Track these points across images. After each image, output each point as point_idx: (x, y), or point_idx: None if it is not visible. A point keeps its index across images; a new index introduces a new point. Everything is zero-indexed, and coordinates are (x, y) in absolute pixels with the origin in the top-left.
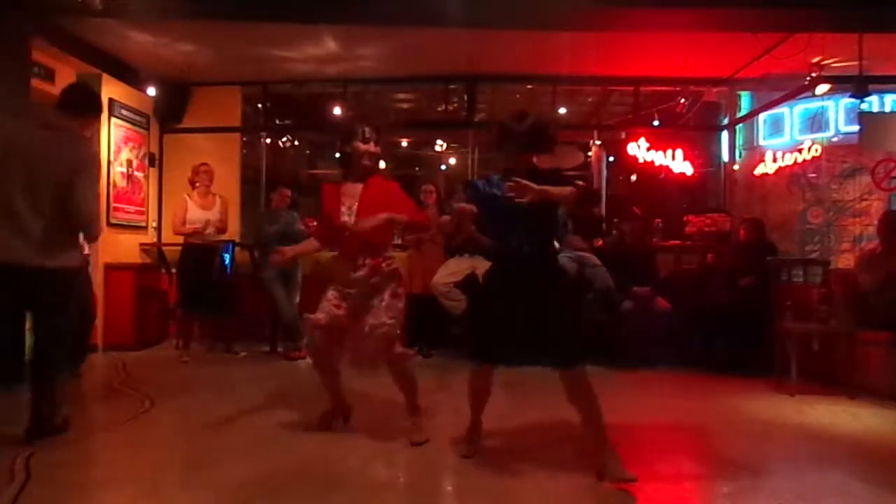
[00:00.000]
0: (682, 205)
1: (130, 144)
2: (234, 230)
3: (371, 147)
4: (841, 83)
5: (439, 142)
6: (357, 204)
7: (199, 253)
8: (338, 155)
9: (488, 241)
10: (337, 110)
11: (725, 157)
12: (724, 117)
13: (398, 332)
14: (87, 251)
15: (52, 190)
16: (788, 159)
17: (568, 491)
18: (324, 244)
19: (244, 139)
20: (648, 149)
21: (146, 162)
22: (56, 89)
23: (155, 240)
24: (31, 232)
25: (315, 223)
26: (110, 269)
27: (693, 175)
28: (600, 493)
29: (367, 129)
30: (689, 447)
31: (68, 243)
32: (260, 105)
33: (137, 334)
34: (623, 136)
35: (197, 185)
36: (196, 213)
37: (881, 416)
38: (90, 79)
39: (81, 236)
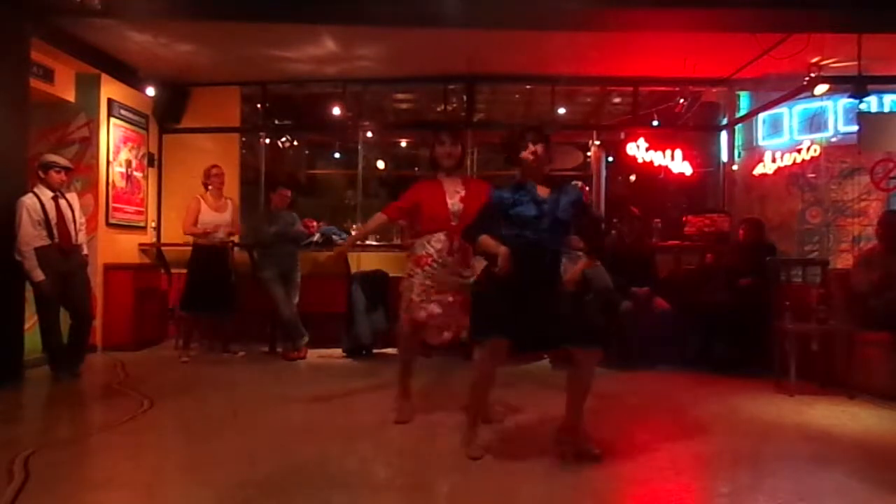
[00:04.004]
0: (682, 205)
1: (129, 144)
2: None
3: (448, 149)
4: (840, 83)
5: None
6: (459, 198)
7: (211, 254)
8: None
9: (496, 244)
10: (336, 110)
11: (724, 157)
12: (723, 117)
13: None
14: (85, 251)
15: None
16: (787, 159)
17: (565, 490)
18: (425, 227)
19: (243, 139)
20: (647, 149)
21: (145, 162)
22: (55, 89)
23: (154, 240)
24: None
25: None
26: (109, 269)
27: (692, 175)
28: (599, 493)
29: (444, 134)
30: (689, 447)
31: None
32: (259, 105)
33: (136, 335)
34: (622, 136)
35: (210, 187)
36: (209, 216)
37: (880, 416)
38: (89, 79)
39: (85, 240)
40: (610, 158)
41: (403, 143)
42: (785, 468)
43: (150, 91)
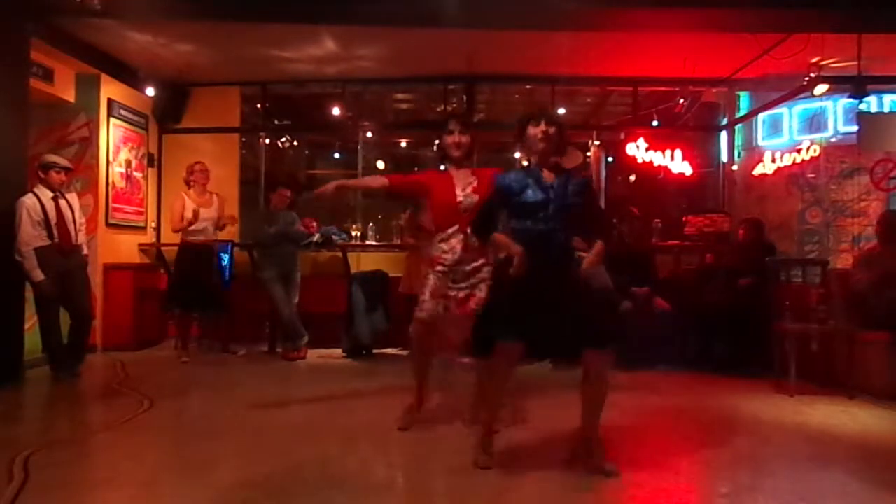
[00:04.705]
0: (681, 205)
1: (129, 144)
2: (233, 230)
3: (456, 138)
4: (839, 83)
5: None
6: (472, 189)
7: (196, 252)
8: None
9: (511, 244)
10: (336, 111)
11: (724, 157)
12: (723, 118)
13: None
14: (85, 251)
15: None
16: (787, 159)
17: (565, 491)
18: (437, 219)
19: (243, 139)
20: (647, 149)
21: (145, 162)
22: (55, 89)
23: (154, 240)
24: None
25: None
26: (109, 269)
27: (692, 175)
28: (597, 493)
29: (453, 122)
30: (688, 447)
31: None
32: (259, 105)
33: (136, 335)
34: (622, 136)
35: (193, 183)
36: (193, 212)
37: (880, 416)
38: (89, 79)
39: (84, 240)
40: (610, 158)
41: (403, 143)
42: (785, 468)
43: (150, 91)
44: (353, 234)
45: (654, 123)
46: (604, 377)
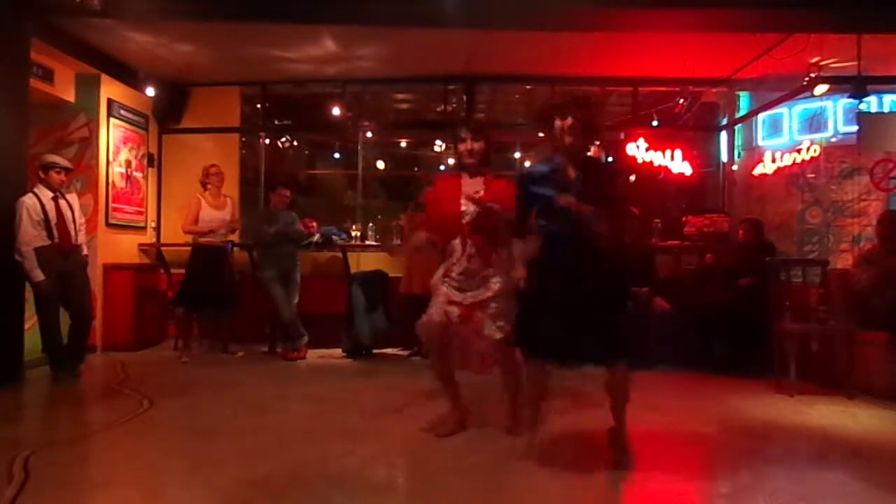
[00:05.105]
0: (681, 205)
1: (129, 145)
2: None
3: (469, 145)
4: (839, 83)
5: (438, 142)
6: (478, 198)
7: (210, 253)
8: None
9: (518, 259)
10: (336, 111)
11: (724, 157)
12: (723, 118)
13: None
14: (85, 252)
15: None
16: (787, 160)
17: (565, 490)
18: (439, 232)
19: (243, 139)
20: (647, 149)
21: (145, 162)
22: (55, 89)
23: (154, 240)
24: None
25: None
26: (109, 269)
27: (692, 175)
28: (599, 494)
29: (464, 130)
30: (689, 447)
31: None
32: (259, 105)
33: (136, 335)
34: (622, 136)
35: (209, 186)
36: (210, 214)
37: (880, 416)
38: (89, 79)
39: (84, 240)
40: (610, 158)
41: (403, 144)
42: (785, 468)
43: (150, 91)
44: (353, 234)
45: (654, 123)
46: (624, 378)
